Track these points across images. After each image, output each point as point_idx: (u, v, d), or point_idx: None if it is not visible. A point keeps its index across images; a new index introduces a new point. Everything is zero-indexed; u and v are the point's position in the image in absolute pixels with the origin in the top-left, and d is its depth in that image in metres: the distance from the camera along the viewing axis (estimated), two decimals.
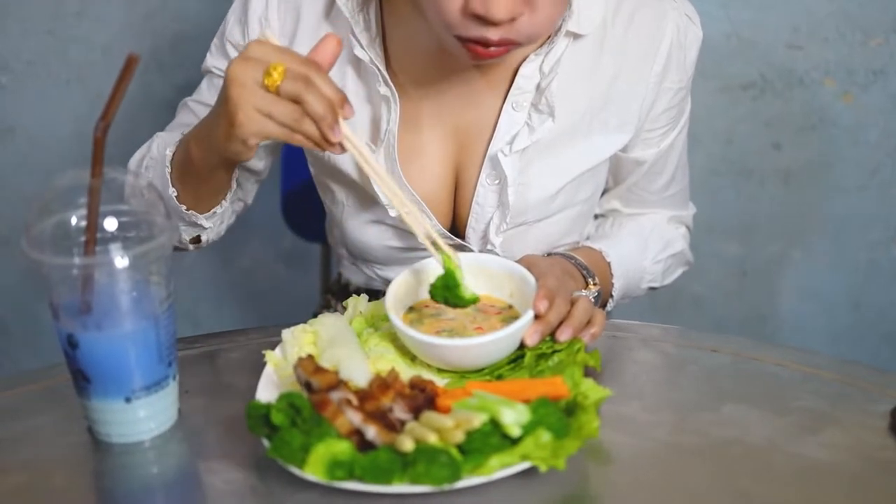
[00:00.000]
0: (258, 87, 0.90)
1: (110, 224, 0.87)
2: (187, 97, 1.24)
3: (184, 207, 1.12)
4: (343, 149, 0.93)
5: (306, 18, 1.14)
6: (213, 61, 1.20)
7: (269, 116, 0.91)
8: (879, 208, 1.98)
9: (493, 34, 0.96)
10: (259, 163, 1.22)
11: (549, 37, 1.11)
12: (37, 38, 1.91)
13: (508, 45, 0.98)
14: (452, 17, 0.96)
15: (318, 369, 0.89)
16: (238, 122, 0.92)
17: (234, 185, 1.15)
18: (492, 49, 0.98)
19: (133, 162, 1.21)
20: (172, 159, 1.11)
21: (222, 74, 1.18)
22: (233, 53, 1.17)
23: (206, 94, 1.21)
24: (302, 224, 1.70)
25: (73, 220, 0.87)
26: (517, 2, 0.95)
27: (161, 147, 1.15)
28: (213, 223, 1.16)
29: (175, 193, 1.11)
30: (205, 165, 1.05)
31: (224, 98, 0.93)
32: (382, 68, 1.10)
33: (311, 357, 0.91)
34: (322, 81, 0.90)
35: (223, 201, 1.14)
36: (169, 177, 1.10)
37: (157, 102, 1.90)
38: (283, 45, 1.14)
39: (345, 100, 0.90)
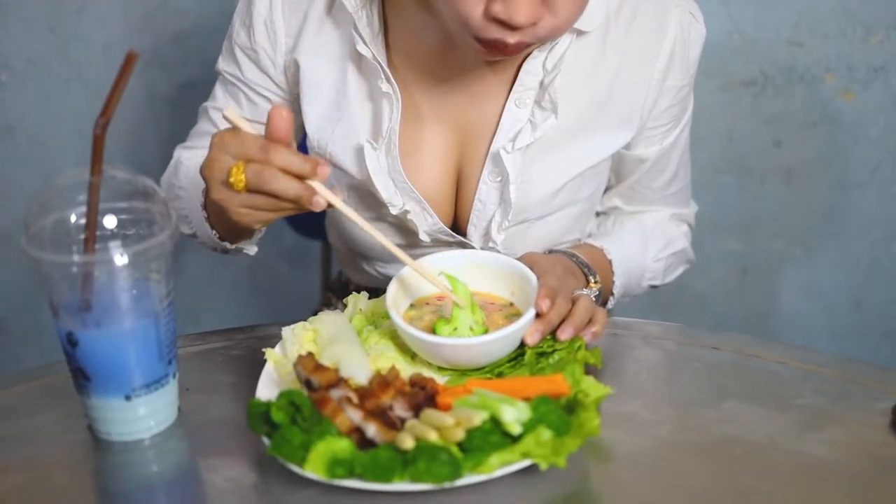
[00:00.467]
0: (232, 190, 0.91)
1: (110, 222, 0.87)
2: (206, 102, 1.24)
3: (228, 245, 1.14)
4: (330, 206, 0.92)
5: (311, 16, 1.14)
6: (224, 65, 1.20)
7: (253, 209, 0.92)
8: (880, 206, 1.98)
9: (511, 38, 0.96)
10: None
11: None
12: (37, 37, 1.91)
13: (524, 47, 0.99)
14: (474, 20, 0.96)
15: (318, 367, 0.89)
16: (234, 219, 0.94)
17: None
18: (508, 49, 0.98)
19: (163, 185, 1.23)
20: (204, 206, 1.11)
21: (235, 81, 1.18)
22: (241, 57, 1.17)
23: (222, 98, 1.22)
24: (302, 222, 1.69)
25: (73, 218, 0.87)
26: (538, 6, 0.95)
27: (188, 179, 1.17)
28: (255, 241, 1.18)
29: (217, 235, 1.13)
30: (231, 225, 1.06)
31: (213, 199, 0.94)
32: (385, 65, 1.10)
33: (311, 355, 0.91)
34: (284, 162, 0.88)
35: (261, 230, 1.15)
36: (207, 222, 1.12)
37: (159, 100, 1.90)
38: (288, 46, 1.13)
39: (315, 165, 0.89)
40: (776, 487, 0.85)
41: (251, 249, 1.18)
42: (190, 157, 1.22)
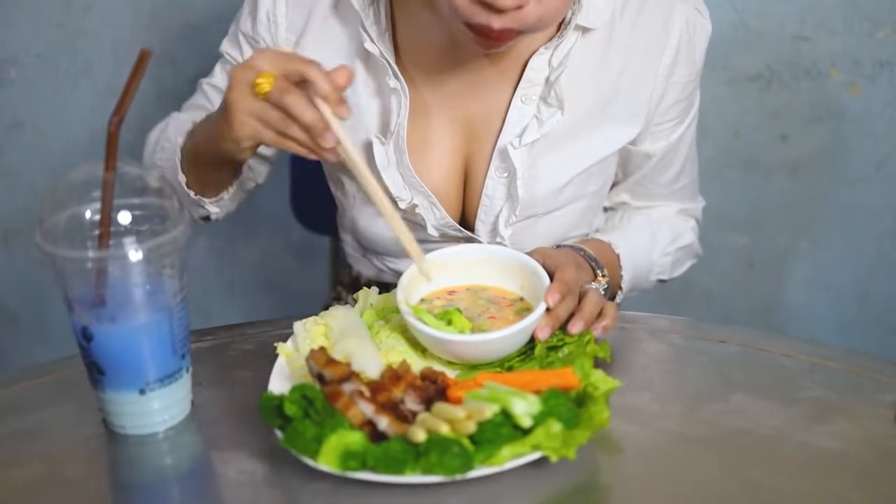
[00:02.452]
0: (252, 92, 0.92)
1: (124, 217, 0.88)
2: (204, 78, 1.26)
3: (192, 193, 1.14)
4: (337, 155, 0.93)
5: (315, 13, 1.14)
6: (227, 47, 1.22)
7: (260, 121, 0.93)
8: (887, 199, 1.98)
9: (496, 22, 0.96)
10: (268, 149, 1.22)
11: (558, 30, 1.11)
12: (46, 33, 1.92)
13: (510, 33, 0.98)
14: (461, 3, 0.96)
15: (331, 361, 0.89)
16: (232, 124, 0.94)
17: (241, 174, 1.16)
18: (495, 35, 0.98)
19: (150, 139, 1.24)
20: (183, 147, 1.12)
21: (232, 62, 1.19)
22: (244, 43, 1.18)
23: (219, 77, 1.23)
24: (311, 217, 1.70)
25: (87, 214, 0.88)
26: None
27: (175, 131, 1.17)
28: (220, 208, 1.18)
29: (184, 181, 1.13)
30: (210, 158, 1.07)
31: (223, 100, 0.95)
32: (392, 61, 1.11)
33: (323, 349, 0.91)
34: (317, 75, 0.90)
35: (229, 188, 1.16)
36: (179, 164, 1.12)
37: (168, 95, 1.90)
38: (291, 42, 1.15)
39: (340, 100, 0.90)
40: (784, 479, 0.85)
41: (212, 209, 1.17)
42: (182, 116, 1.23)
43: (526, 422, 0.83)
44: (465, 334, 0.95)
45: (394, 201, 1.16)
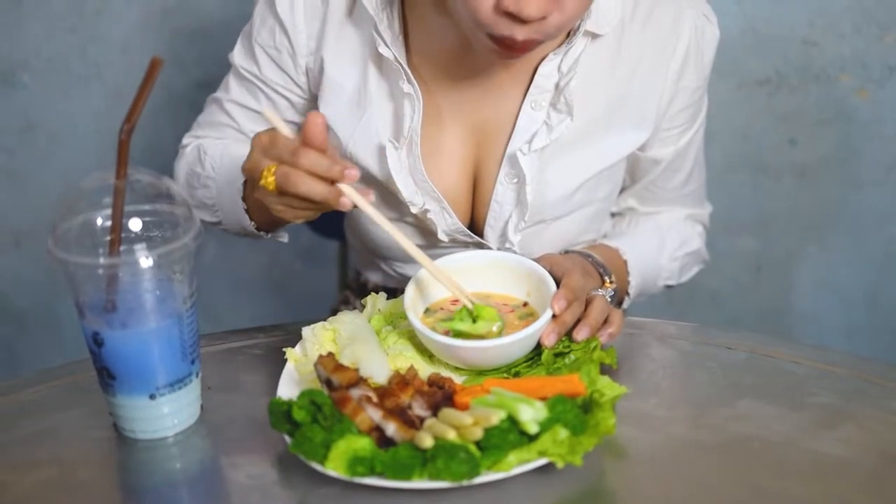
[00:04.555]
0: (264, 189, 0.94)
1: (135, 224, 0.89)
2: (215, 93, 1.25)
3: (263, 233, 1.16)
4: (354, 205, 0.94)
5: (330, 19, 1.15)
6: (242, 60, 1.21)
7: (290, 209, 0.96)
8: (895, 203, 1.98)
9: (519, 33, 0.97)
10: None
11: (567, 37, 1.12)
12: (57, 37, 1.93)
13: (533, 43, 0.99)
14: (485, 14, 0.96)
15: (339, 367, 0.90)
16: (277, 216, 0.98)
17: None
18: (518, 46, 0.99)
19: (179, 172, 1.24)
20: (244, 198, 1.13)
21: (248, 75, 1.19)
22: (261, 56, 1.18)
23: (237, 91, 1.22)
24: (319, 221, 1.70)
25: (99, 221, 0.89)
26: (548, 1, 0.95)
27: (213, 166, 1.19)
28: (287, 230, 1.21)
29: (254, 225, 1.14)
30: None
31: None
32: (406, 66, 1.11)
33: (331, 354, 0.92)
34: (311, 165, 0.90)
35: None
36: (246, 213, 1.13)
37: (176, 99, 1.91)
38: (311, 48, 1.14)
39: (343, 169, 0.90)
40: (791, 485, 0.85)
41: (284, 237, 1.21)
42: (213, 145, 1.22)
43: (532, 428, 0.84)
44: (471, 340, 0.96)
45: (406, 205, 1.16)
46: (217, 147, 1.21)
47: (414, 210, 1.16)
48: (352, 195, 0.91)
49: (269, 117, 0.92)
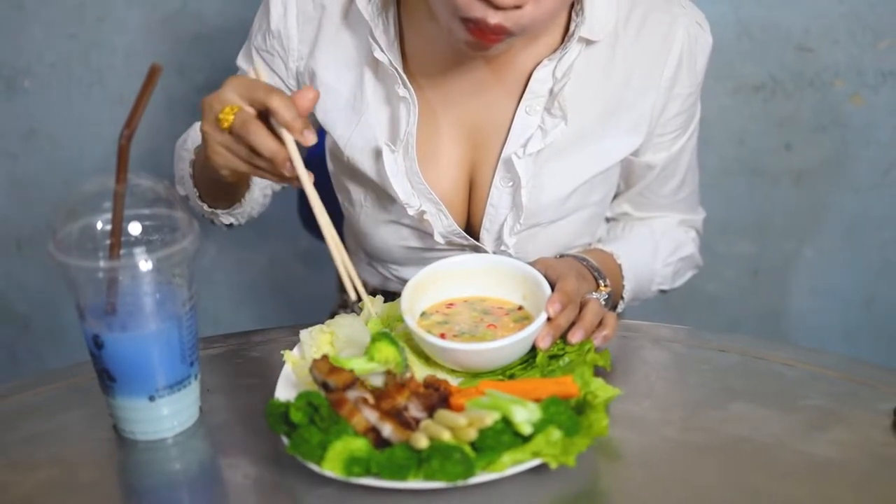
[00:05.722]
0: (219, 125, 0.93)
1: (135, 228, 0.89)
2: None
3: (205, 206, 1.17)
4: (301, 182, 0.93)
5: (325, 24, 1.16)
6: (241, 61, 1.24)
7: (230, 152, 0.94)
8: (891, 207, 1.98)
9: (492, 17, 0.97)
10: None
11: (562, 42, 1.13)
12: (59, 42, 1.94)
13: (503, 32, 0.99)
14: None
15: (333, 369, 0.90)
16: (209, 155, 0.96)
17: (249, 187, 1.18)
18: (489, 34, 0.99)
19: (176, 149, 1.26)
20: (193, 162, 1.15)
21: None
22: (256, 58, 1.20)
23: None
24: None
25: (99, 225, 0.90)
26: None
27: (193, 143, 1.20)
28: (236, 217, 1.21)
29: (196, 194, 1.15)
30: (213, 176, 1.09)
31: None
32: (401, 70, 1.12)
33: (325, 357, 0.92)
34: (278, 105, 0.89)
35: (242, 200, 1.18)
36: (192, 179, 1.15)
37: (177, 105, 1.92)
38: (303, 54, 1.16)
39: (304, 126, 0.90)
40: (783, 487, 0.86)
41: (227, 219, 1.21)
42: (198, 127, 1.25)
43: (526, 429, 0.84)
44: (467, 343, 0.97)
45: (403, 208, 1.17)
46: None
47: (411, 212, 1.17)
48: (297, 165, 0.91)
49: (259, 69, 0.93)
